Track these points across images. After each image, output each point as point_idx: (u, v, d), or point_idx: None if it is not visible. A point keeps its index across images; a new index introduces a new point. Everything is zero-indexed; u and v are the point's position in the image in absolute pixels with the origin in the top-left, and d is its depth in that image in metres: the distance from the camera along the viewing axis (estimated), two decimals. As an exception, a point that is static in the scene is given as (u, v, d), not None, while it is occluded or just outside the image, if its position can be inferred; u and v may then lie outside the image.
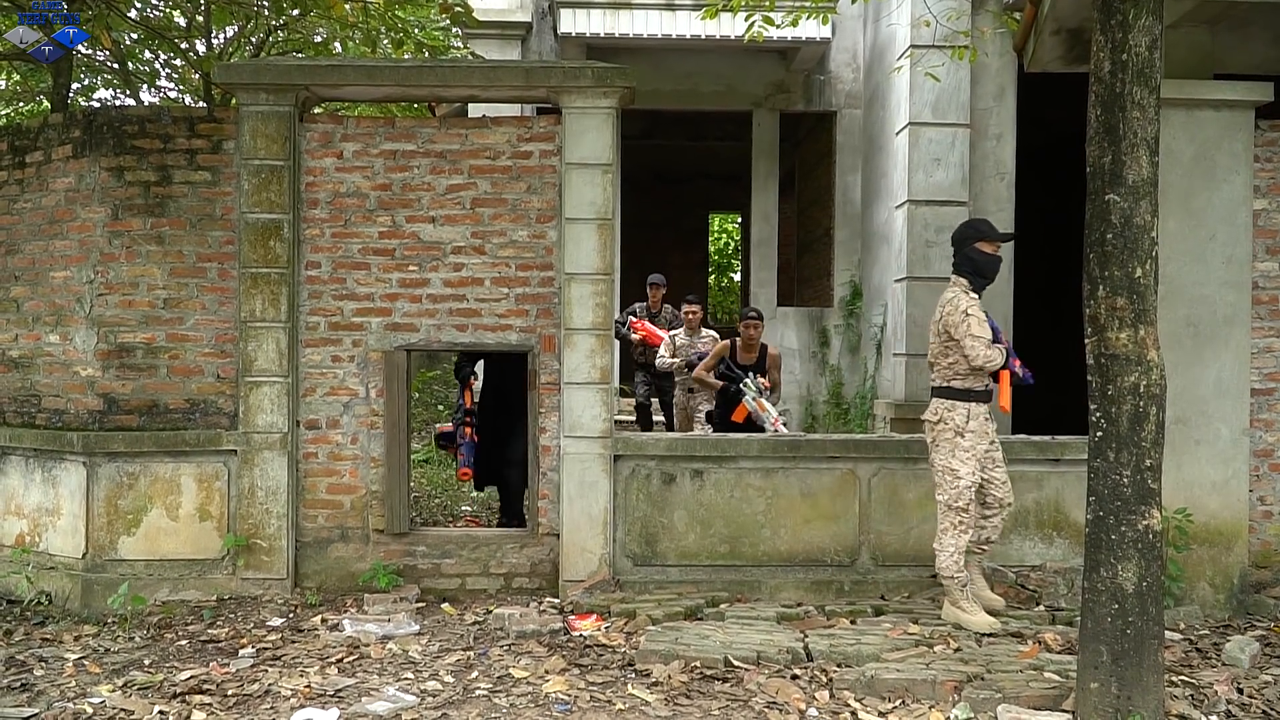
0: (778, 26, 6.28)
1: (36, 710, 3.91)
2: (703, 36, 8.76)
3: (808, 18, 6.78)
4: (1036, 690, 3.92)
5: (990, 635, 4.64)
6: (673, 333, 7.91)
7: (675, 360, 7.70)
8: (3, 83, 11.46)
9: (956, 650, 4.45)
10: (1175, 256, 5.20)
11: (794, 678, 4.19)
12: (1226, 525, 5.29)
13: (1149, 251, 3.57)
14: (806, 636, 4.63)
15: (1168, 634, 4.38)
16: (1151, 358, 3.56)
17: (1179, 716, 3.76)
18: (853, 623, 4.93)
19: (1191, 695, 4.03)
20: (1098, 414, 3.62)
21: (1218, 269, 5.27)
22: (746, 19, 6.25)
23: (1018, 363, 4.92)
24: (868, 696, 4.01)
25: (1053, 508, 5.56)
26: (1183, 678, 4.21)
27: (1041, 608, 5.11)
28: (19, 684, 4.23)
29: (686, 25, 8.81)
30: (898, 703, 3.96)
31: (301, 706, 3.86)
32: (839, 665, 4.30)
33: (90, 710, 3.90)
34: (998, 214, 7.97)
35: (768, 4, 6.18)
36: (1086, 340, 3.65)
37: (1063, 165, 8.79)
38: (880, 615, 5.06)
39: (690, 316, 7.79)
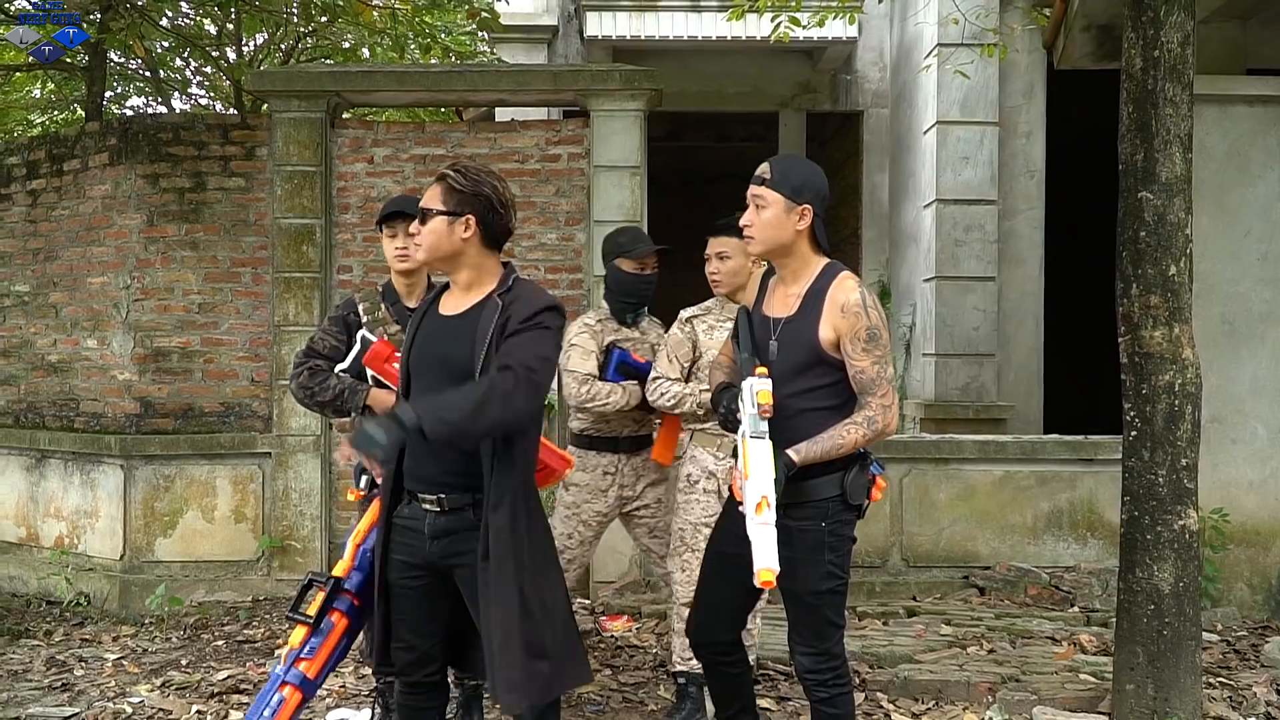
0: (804, 27, 6.26)
1: (77, 709, 3.97)
2: (728, 38, 8.74)
3: (834, 17, 6.76)
4: (1072, 692, 3.89)
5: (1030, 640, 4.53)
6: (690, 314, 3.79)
7: (682, 391, 3.60)
8: (38, 91, 11.64)
9: (990, 652, 4.43)
10: (1209, 254, 5.14)
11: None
12: (1264, 525, 5.23)
13: (1183, 249, 3.53)
14: (838, 637, 4.62)
15: (1205, 635, 4.33)
16: (1187, 356, 3.52)
17: (1217, 718, 3.72)
18: (884, 624, 4.92)
19: (1230, 697, 3.99)
20: (1132, 413, 3.59)
21: (1253, 266, 5.21)
22: (772, 19, 6.24)
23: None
24: (901, 698, 4.00)
25: (1086, 508, 5.51)
26: (1220, 679, 4.17)
27: (1076, 609, 5.07)
28: (60, 684, 4.30)
29: (712, 26, 8.80)
30: (931, 704, 3.95)
31: (336, 706, 3.90)
32: (871, 666, 4.29)
33: (129, 710, 3.96)
34: (1027, 212, 7.91)
35: (794, 4, 6.17)
36: (1120, 339, 3.62)
37: (1094, 162, 8.72)
38: (912, 616, 5.04)
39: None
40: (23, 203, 6.14)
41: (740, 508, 2.57)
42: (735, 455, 2.66)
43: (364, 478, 3.22)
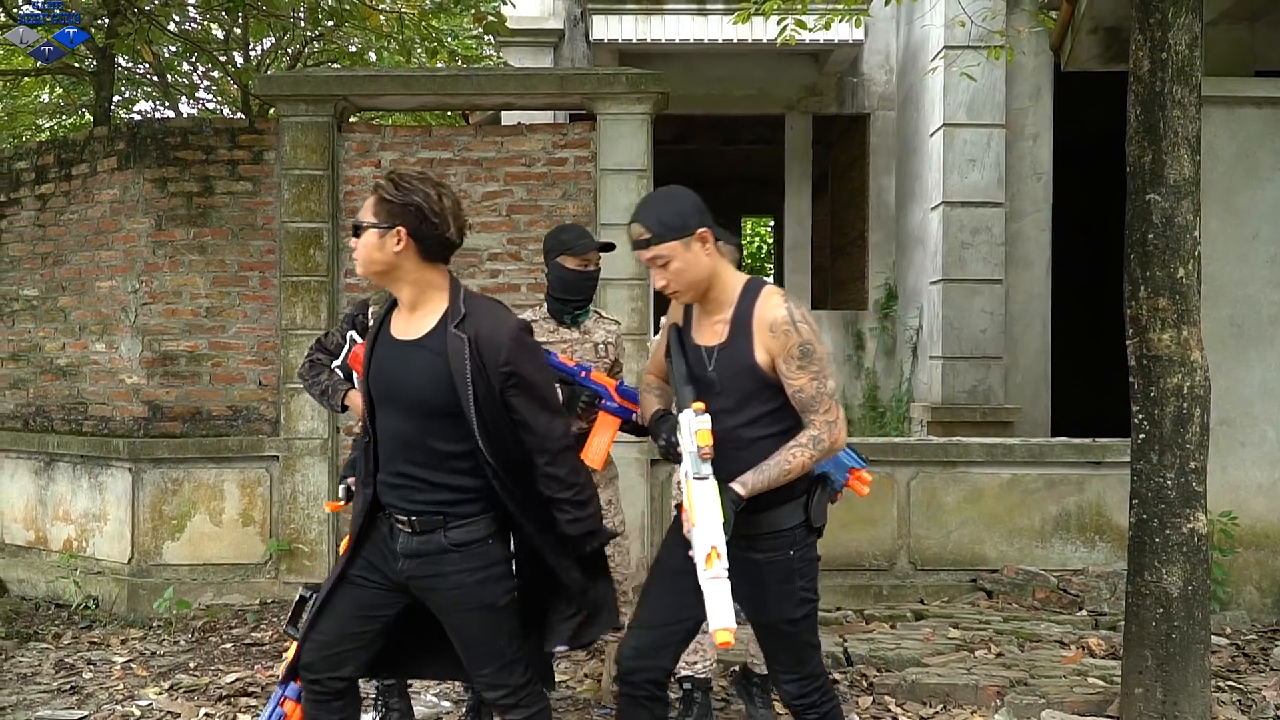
0: (810, 30, 6.26)
1: (86, 712, 3.98)
2: (734, 41, 8.76)
3: (840, 20, 6.76)
4: (1080, 696, 3.88)
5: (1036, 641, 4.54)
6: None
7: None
8: (46, 96, 11.69)
9: (998, 655, 4.42)
10: (1217, 256, 5.11)
11: (834, 682, 4.18)
12: (1273, 528, 5.20)
13: (1191, 251, 3.52)
14: (846, 641, 4.62)
15: (1214, 639, 4.31)
16: (1195, 359, 3.51)
17: (1226, 722, 3.71)
18: (892, 627, 4.91)
19: (1239, 701, 3.98)
20: (1140, 416, 3.58)
21: (1261, 268, 5.19)
22: (779, 23, 6.24)
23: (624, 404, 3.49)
24: (908, 701, 3.99)
25: (1094, 511, 5.50)
26: (1230, 683, 4.15)
27: (1084, 612, 5.06)
28: (69, 687, 4.31)
29: (718, 30, 8.81)
30: (939, 708, 3.94)
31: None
32: (879, 670, 4.28)
33: (138, 712, 3.97)
34: (1035, 214, 7.91)
35: (800, 7, 6.17)
36: (1128, 341, 3.61)
37: (1101, 164, 8.70)
38: (920, 620, 5.03)
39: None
40: (31, 207, 6.16)
41: (690, 553, 2.40)
42: (681, 491, 2.51)
43: (341, 488, 3.25)
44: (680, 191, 2.63)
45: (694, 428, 2.45)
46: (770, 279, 20.10)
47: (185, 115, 10.62)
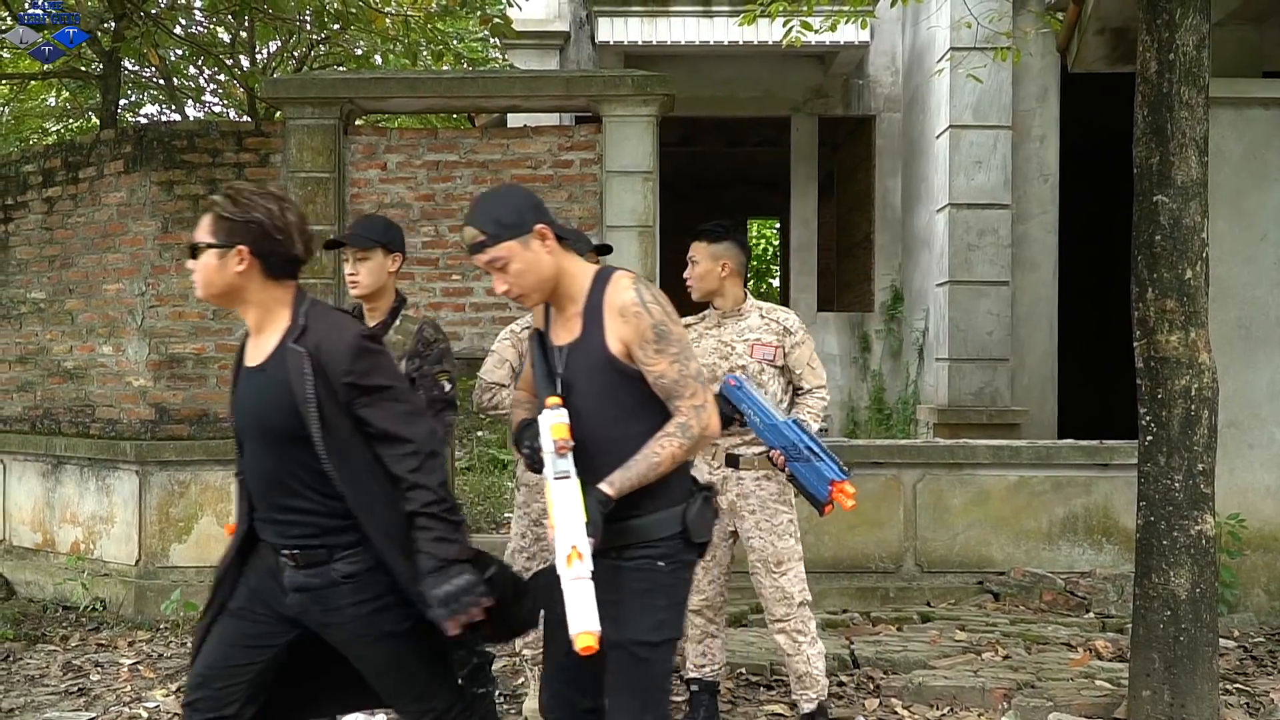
0: (815, 31, 6.25)
1: (93, 714, 3.99)
2: (740, 43, 8.75)
3: (846, 22, 6.74)
4: (1087, 698, 3.87)
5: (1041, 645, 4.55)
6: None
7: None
8: (53, 100, 11.74)
9: (1005, 658, 4.41)
10: (1225, 258, 5.10)
11: (840, 684, 4.17)
12: (1281, 530, 5.19)
13: (1199, 253, 3.51)
14: (852, 643, 4.62)
15: (1222, 641, 4.30)
16: (1203, 360, 3.50)
17: (1235, 725, 3.70)
18: (899, 629, 4.91)
19: (1246, 703, 3.97)
20: (1148, 418, 3.57)
21: (1270, 270, 5.18)
22: (784, 24, 6.23)
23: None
24: (915, 703, 3.98)
25: (1101, 513, 5.49)
26: (1237, 685, 4.14)
27: (1091, 615, 5.05)
28: (76, 689, 4.32)
29: (724, 32, 8.80)
30: (946, 710, 3.93)
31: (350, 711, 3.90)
32: (885, 672, 4.28)
33: (145, 714, 3.98)
34: (1041, 216, 7.89)
35: (805, 9, 6.16)
36: (1135, 343, 3.60)
37: (1108, 166, 8.69)
38: (927, 622, 5.03)
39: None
40: (39, 210, 6.18)
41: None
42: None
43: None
44: (514, 189, 2.54)
45: (549, 423, 2.26)
46: (776, 281, 20.07)
47: (191, 118, 10.65)
